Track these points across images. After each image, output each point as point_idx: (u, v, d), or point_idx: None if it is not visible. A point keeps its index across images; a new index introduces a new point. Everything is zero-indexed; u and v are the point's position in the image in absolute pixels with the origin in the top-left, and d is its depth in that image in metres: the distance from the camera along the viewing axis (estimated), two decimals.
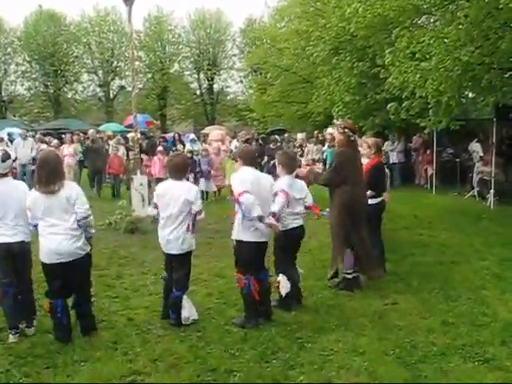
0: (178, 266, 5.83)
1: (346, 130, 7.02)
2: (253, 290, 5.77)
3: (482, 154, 15.52)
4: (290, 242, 6.42)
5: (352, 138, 7.10)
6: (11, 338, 5.43)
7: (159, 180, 12.14)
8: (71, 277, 5.36)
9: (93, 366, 4.87)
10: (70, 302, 5.53)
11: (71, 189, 5.38)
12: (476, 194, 15.23)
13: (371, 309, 6.31)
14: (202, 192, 15.91)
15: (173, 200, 5.72)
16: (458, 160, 17.27)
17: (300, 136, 20.35)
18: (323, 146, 19.89)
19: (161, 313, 6.07)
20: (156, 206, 5.87)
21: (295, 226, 6.39)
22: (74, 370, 4.80)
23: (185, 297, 5.83)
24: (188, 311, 5.82)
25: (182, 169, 5.95)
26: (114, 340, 5.46)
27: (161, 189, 5.91)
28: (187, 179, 6.37)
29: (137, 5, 11.57)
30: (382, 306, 6.44)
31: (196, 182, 15.94)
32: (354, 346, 5.24)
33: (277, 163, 6.58)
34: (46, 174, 5.25)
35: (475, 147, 15.93)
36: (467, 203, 14.76)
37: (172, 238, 5.73)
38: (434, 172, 17.23)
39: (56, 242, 5.23)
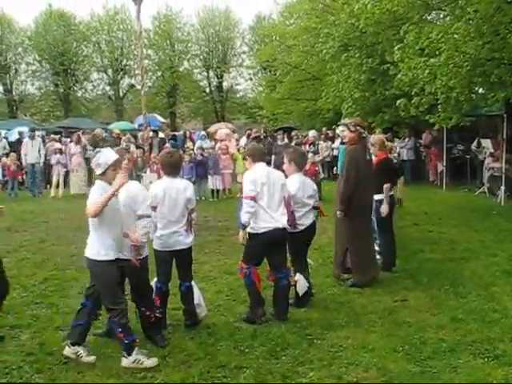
0: (184, 260, 5.77)
1: (358, 128, 7.10)
2: (254, 278, 5.84)
3: (492, 150, 15.46)
4: (307, 238, 6.53)
5: (364, 135, 7.18)
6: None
7: None
8: None
9: (104, 362, 4.90)
10: None
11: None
12: (486, 190, 15.16)
13: (380, 305, 6.31)
14: (212, 191, 15.97)
15: (174, 199, 5.58)
16: (468, 156, 17.20)
17: (312, 133, 20.34)
18: (333, 142, 19.90)
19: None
20: (154, 209, 5.56)
21: (311, 222, 6.47)
22: (86, 366, 4.84)
23: (193, 283, 5.88)
24: (198, 298, 5.85)
25: (179, 166, 5.94)
26: None
27: (159, 189, 5.63)
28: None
29: (146, 3, 11.60)
30: (391, 302, 6.44)
31: (206, 180, 15.99)
32: (364, 342, 5.25)
33: (286, 160, 6.53)
34: None
35: (485, 143, 15.87)
36: (477, 199, 14.71)
37: (179, 234, 5.59)
38: (444, 168, 17.17)
39: None
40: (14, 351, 5.18)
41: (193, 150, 18.10)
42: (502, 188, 13.79)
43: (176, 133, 27.02)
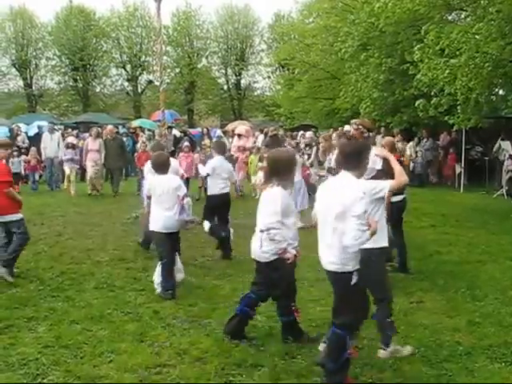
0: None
1: (360, 127, 7.04)
2: None
3: (511, 153, 15.31)
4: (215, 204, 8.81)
5: (365, 135, 7.09)
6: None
7: (187, 180, 12.39)
8: None
9: (119, 357, 4.93)
10: None
11: None
12: (505, 192, 15.02)
13: (396, 307, 6.23)
14: None
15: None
16: (486, 158, 17.04)
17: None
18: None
19: None
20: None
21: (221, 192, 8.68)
22: (101, 360, 4.87)
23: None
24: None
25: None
26: (140, 332, 5.52)
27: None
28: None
29: (165, 0, 11.63)
30: (407, 304, 6.41)
31: None
32: (379, 343, 5.21)
33: (212, 149, 9.57)
34: None
35: (505, 145, 15.72)
36: (495, 202, 14.58)
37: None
38: (462, 170, 17.03)
39: None
40: (31, 343, 5.23)
41: (209, 147, 18.03)
42: None
43: (191, 130, 26.99)
